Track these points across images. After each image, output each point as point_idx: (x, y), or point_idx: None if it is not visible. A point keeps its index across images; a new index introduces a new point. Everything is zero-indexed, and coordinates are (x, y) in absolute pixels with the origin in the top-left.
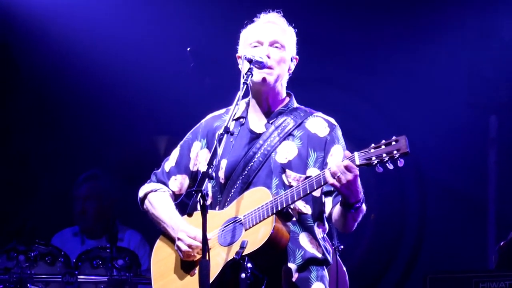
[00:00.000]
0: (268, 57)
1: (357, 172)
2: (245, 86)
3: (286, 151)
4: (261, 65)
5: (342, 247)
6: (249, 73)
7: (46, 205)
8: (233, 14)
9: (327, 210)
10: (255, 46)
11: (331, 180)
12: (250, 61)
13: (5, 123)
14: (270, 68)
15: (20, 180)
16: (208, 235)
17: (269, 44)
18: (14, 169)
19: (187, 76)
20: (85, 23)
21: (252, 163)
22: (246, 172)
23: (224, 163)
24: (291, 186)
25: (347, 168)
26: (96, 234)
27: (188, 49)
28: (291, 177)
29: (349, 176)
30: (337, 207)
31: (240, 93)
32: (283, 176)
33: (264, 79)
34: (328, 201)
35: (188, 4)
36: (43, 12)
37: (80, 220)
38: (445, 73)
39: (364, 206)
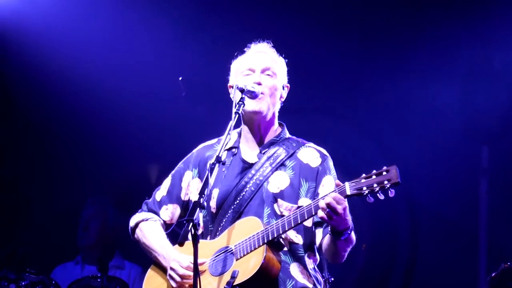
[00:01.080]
0: (260, 84)
1: (346, 204)
2: (237, 115)
3: (278, 181)
4: (253, 95)
5: (332, 279)
6: (241, 102)
7: (37, 232)
8: (224, 43)
9: (317, 240)
10: (247, 75)
11: (320, 213)
12: (242, 90)
13: None
14: (262, 94)
15: (10, 207)
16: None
17: (261, 71)
18: (4, 196)
19: (179, 105)
20: (78, 51)
21: (244, 193)
22: (237, 201)
23: (215, 193)
24: (282, 216)
25: (336, 200)
26: (95, 259)
27: (180, 78)
28: (283, 206)
29: (338, 208)
30: (327, 237)
31: (232, 123)
32: (275, 205)
33: (256, 108)
34: (318, 232)
35: (180, 34)
36: (36, 38)
37: (82, 237)
38: (437, 102)
39: (353, 236)
